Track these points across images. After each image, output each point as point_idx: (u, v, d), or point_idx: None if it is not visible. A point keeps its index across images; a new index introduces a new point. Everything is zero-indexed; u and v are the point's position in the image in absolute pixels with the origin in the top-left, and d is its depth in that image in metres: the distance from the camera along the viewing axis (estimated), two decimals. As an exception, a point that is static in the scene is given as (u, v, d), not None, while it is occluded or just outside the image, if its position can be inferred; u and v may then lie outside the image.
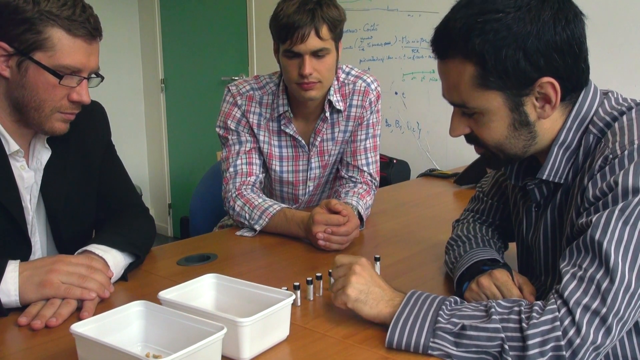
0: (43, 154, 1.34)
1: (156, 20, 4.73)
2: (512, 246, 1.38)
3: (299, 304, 1.19)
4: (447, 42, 1.05)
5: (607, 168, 0.97)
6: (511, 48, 0.98)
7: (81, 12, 1.22)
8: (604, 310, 0.90)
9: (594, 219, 0.95)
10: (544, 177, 1.10)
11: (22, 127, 1.29)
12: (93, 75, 1.30)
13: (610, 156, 0.97)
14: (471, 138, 1.13)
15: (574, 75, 1.03)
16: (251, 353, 0.98)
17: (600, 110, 1.06)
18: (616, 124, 1.03)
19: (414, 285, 1.27)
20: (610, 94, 1.09)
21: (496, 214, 1.39)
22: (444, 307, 0.99)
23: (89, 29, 1.23)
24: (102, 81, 1.32)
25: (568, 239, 1.04)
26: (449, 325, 0.96)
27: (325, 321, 1.12)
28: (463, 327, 0.95)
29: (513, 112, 1.05)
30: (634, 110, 1.04)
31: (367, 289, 1.08)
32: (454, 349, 0.95)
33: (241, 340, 0.95)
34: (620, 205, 0.93)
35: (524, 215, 1.21)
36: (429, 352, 0.97)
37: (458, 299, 1.03)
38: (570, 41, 1.00)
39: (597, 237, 0.93)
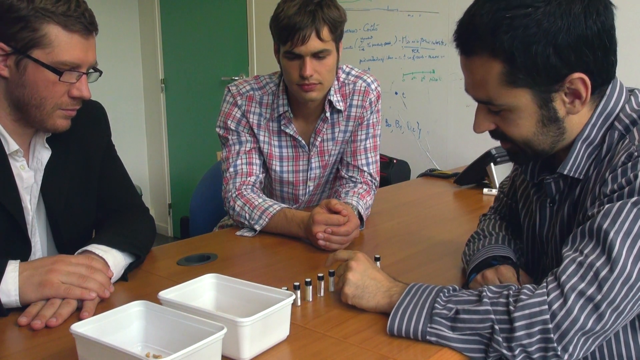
0: (43, 154, 1.34)
1: (156, 20, 4.73)
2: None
3: (299, 304, 1.19)
4: (473, 38, 1.01)
5: (629, 164, 0.97)
6: (541, 44, 0.96)
7: (76, 7, 1.22)
8: (599, 297, 0.90)
9: (604, 208, 0.95)
10: (565, 172, 1.08)
11: (22, 126, 1.29)
12: (91, 70, 1.30)
13: (635, 153, 0.97)
14: (497, 134, 1.11)
15: (604, 69, 1.02)
16: (251, 353, 0.98)
17: (627, 107, 1.05)
18: None
19: (414, 285, 1.28)
20: (636, 91, 1.08)
21: (512, 213, 1.40)
22: (441, 294, 1.02)
23: (85, 23, 1.23)
24: (100, 75, 1.31)
25: None
26: (444, 311, 0.99)
27: (325, 321, 1.12)
28: (457, 312, 0.98)
29: (542, 109, 1.03)
30: None
31: (362, 283, 1.12)
32: (451, 332, 0.98)
33: (241, 340, 0.95)
34: (634, 199, 0.93)
35: (537, 211, 1.20)
36: (427, 337, 1.00)
37: (457, 287, 1.05)
38: (600, 35, 0.98)
39: (605, 226, 0.93)
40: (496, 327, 0.94)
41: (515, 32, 0.96)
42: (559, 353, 0.91)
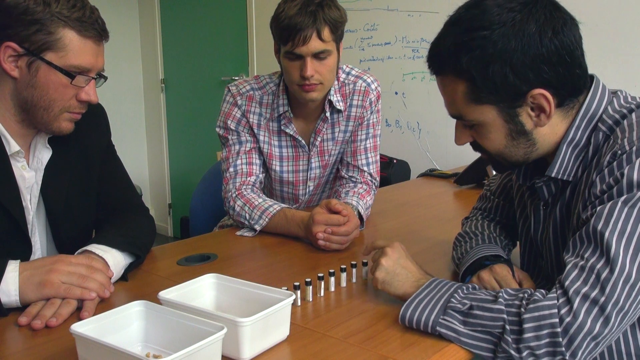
0: (44, 154, 1.34)
1: (156, 20, 4.73)
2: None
3: (299, 304, 1.19)
4: (439, 60, 1.08)
5: (614, 163, 0.99)
6: (498, 64, 1.00)
7: (90, 13, 1.24)
8: (603, 299, 0.91)
9: (597, 210, 0.97)
10: (553, 175, 1.11)
11: (25, 127, 1.30)
12: (96, 76, 1.31)
13: (619, 152, 0.99)
14: (476, 146, 1.16)
15: (568, 83, 1.04)
16: (251, 353, 0.98)
17: (609, 108, 1.07)
18: (625, 122, 1.04)
19: (414, 285, 1.28)
20: (619, 93, 1.11)
21: (502, 212, 1.41)
22: (459, 290, 1.04)
23: (98, 30, 1.26)
24: (105, 81, 1.33)
25: (574, 233, 1.05)
26: (459, 305, 1.01)
27: (325, 321, 1.12)
28: (471, 307, 1.00)
29: (508, 123, 1.07)
30: None
31: (393, 270, 1.14)
32: (462, 327, 1.00)
33: (241, 340, 0.95)
34: (624, 197, 0.95)
35: (532, 214, 1.22)
36: (437, 328, 1.01)
37: (476, 285, 1.07)
38: (559, 51, 1.01)
39: (599, 227, 0.95)
40: (507, 327, 0.95)
41: (473, 53, 1.02)
42: (567, 358, 0.91)
